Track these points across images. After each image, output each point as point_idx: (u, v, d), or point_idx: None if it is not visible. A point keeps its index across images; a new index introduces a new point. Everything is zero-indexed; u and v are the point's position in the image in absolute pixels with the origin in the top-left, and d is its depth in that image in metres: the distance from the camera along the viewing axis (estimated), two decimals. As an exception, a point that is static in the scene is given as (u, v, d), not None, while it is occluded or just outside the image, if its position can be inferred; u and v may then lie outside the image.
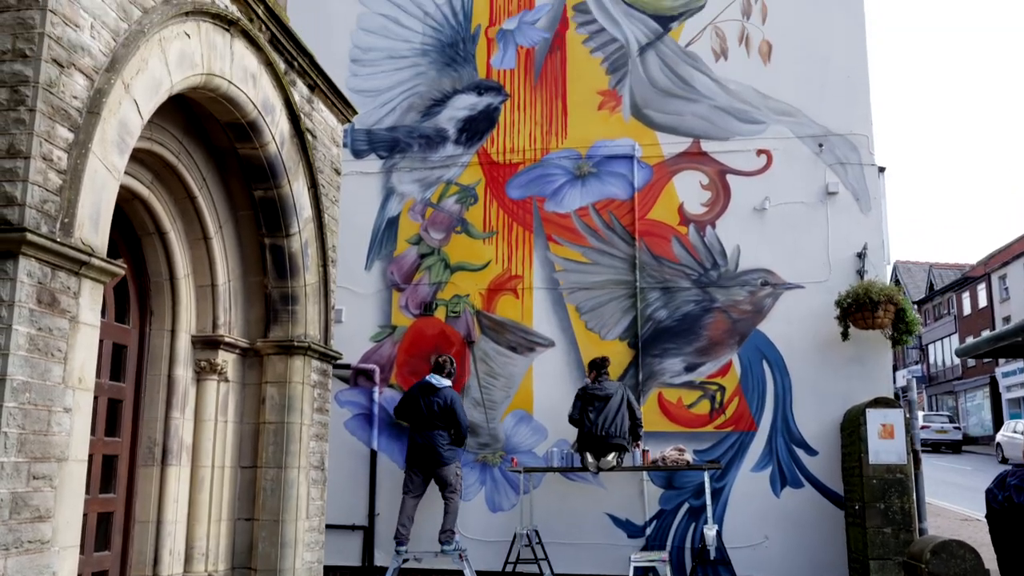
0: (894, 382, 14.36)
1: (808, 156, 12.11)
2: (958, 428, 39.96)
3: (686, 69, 12.59)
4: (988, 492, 8.40)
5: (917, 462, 10.63)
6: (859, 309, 11.01)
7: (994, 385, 44.33)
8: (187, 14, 6.51)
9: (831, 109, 12.17)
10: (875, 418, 10.37)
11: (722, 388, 11.79)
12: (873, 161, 12.02)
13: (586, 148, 12.58)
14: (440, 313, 12.48)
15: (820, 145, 12.08)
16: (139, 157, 6.98)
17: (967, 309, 49.21)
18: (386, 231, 12.83)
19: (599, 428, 10.64)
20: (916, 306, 52.81)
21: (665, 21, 12.76)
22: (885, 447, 10.31)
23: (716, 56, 12.56)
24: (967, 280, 49.16)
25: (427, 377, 10.99)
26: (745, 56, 12.52)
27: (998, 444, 32.57)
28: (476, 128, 12.90)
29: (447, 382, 10.91)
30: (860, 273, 11.61)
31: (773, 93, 12.33)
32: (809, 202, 12.02)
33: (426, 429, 10.66)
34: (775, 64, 12.45)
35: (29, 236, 4.85)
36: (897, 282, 52.12)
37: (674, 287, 12.07)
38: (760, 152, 12.24)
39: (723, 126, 12.37)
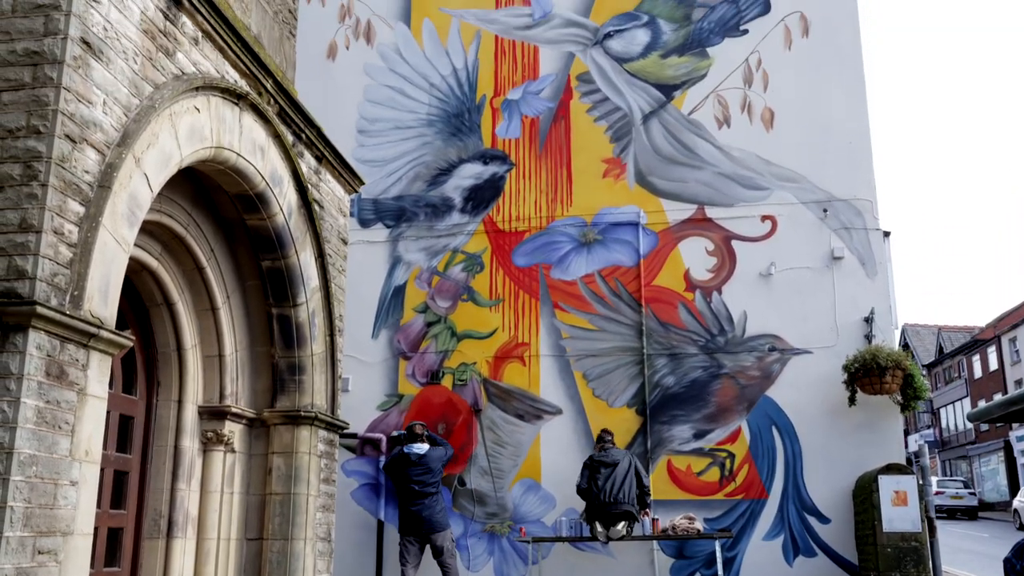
0: (906, 447, 14.24)
1: (813, 221, 12.18)
2: (973, 494, 39.40)
3: (689, 137, 12.73)
4: (1006, 561, 8.25)
5: (932, 529, 10.48)
6: (866, 374, 10.97)
7: (1009, 450, 43.84)
8: (197, 89, 6.63)
9: (834, 174, 12.26)
10: (888, 485, 10.26)
11: (732, 455, 11.69)
12: (878, 225, 12.08)
13: (591, 216, 12.67)
14: (447, 381, 12.45)
15: (824, 210, 12.15)
16: (148, 229, 7.04)
17: (978, 372, 48.88)
18: (393, 300, 12.87)
19: (607, 495, 10.54)
20: (926, 369, 52.51)
21: (668, 90, 12.93)
22: (899, 514, 10.18)
23: (719, 123, 12.71)
24: (977, 343, 48.92)
25: (404, 449, 10.85)
26: (748, 123, 12.67)
27: (1015, 510, 32.06)
28: (482, 197, 13.01)
29: (424, 445, 10.79)
30: (868, 337, 11.59)
31: (776, 159, 12.44)
32: (815, 267, 12.05)
33: (415, 498, 10.54)
34: (778, 131, 12.58)
35: (39, 309, 4.89)
36: (906, 346, 51.95)
37: (681, 353, 12.05)
38: (765, 218, 12.31)
39: (727, 192, 12.47)
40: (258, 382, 8.53)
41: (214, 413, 7.95)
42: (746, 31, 12.91)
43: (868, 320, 11.70)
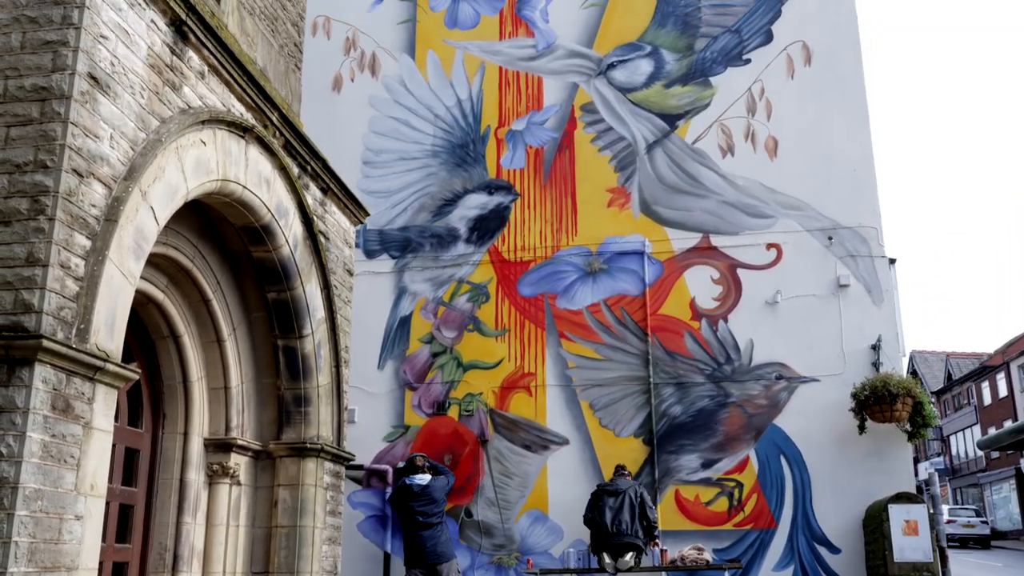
0: (916, 475, 14.14)
1: (818, 249, 12.18)
2: (985, 522, 39.02)
3: (693, 166, 12.77)
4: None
5: (944, 559, 10.39)
6: (877, 402, 10.91)
7: (1020, 477, 43.48)
8: (203, 122, 6.67)
9: (839, 202, 12.28)
10: (898, 514, 10.19)
11: (740, 484, 11.62)
12: (883, 253, 12.08)
13: (596, 245, 12.68)
14: (453, 412, 12.42)
15: (830, 238, 12.16)
16: (154, 261, 7.06)
17: (987, 399, 48.60)
18: (398, 330, 12.87)
19: (609, 525, 10.46)
20: (935, 396, 52.19)
21: (671, 119, 12.99)
22: (910, 544, 10.09)
23: (723, 152, 12.75)
24: (986, 369, 48.68)
25: (406, 480, 10.82)
26: (751, 152, 12.70)
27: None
28: (487, 227, 13.04)
29: (426, 476, 10.77)
30: (875, 365, 11.55)
31: (780, 187, 12.47)
32: (821, 295, 12.03)
33: (419, 529, 10.51)
34: (781, 159, 12.62)
35: (45, 343, 4.89)
36: (914, 372, 51.71)
37: (688, 382, 12.02)
38: (770, 246, 12.31)
39: (732, 221, 12.48)
40: (264, 414, 8.52)
41: (220, 445, 7.93)
42: (749, 60, 12.99)
43: (875, 347, 11.67)
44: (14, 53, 5.36)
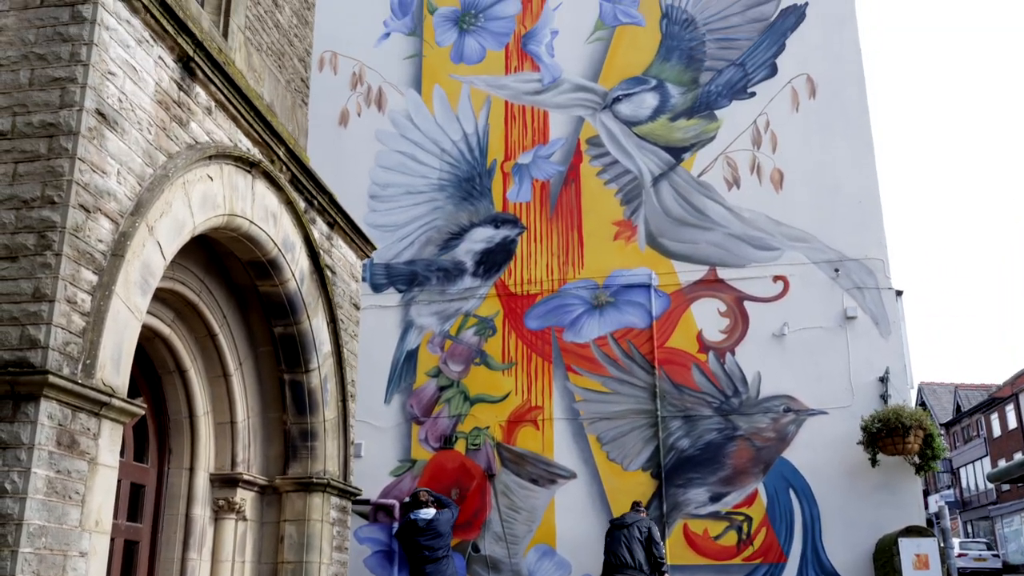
0: (926, 508, 14.01)
1: (825, 281, 12.16)
2: (997, 555, 38.58)
3: (699, 198, 12.79)
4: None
5: (955, 593, 10.27)
6: (890, 434, 10.82)
7: (1031, 510, 43.10)
8: (210, 158, 6.70)
9: (845, 234, 12.27)
10: (908, 548, 10.08)
11: (749, 518, 11.53)
12: (890, 284, 12.05)
13: (603, 278, 12.68)
14: (460, 446, 12.37)
15: (836, 270, 12.14)
16: (161, 296, 7.07)
17: (997, 431, 48.26)
18: (405, 364, 12.85)
19: (615, 558, 10.40)
20: (944, 428, 51.86)
21: (677, 152, 13.02)
22: (921, 578, 9.98)
23: (728, 185, 12.77)
24: (995, 401, 48.38)
25: (410, 515, 10.76)
26: (757, 184, 12.72)
27: (1040, 572, 31.38)
28: (494, 260, 13.05)
29: (430, 510, 10.71)
30: (884, 397, 11.49)
31: (786, 220, 12.47)
32: (828, 327, 11.99)
33: (425, 564, 10.44)
34: (787, 191, 12.63)
35: (51, 378, 4.88)
36: (923, 404, 51.39)
37: (696, 415, 11.96)
38: (776, 278, 12.30)
39: (738, 253, 12.48)
40: (270, 449, 8.48)
41: (226, 481, 7.89)
42: (753, 94, 13.04)
43: (883, 380, 11.62)
44: (22, 90, 5.40)
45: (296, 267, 8.11)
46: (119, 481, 6.04)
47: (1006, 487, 45.19)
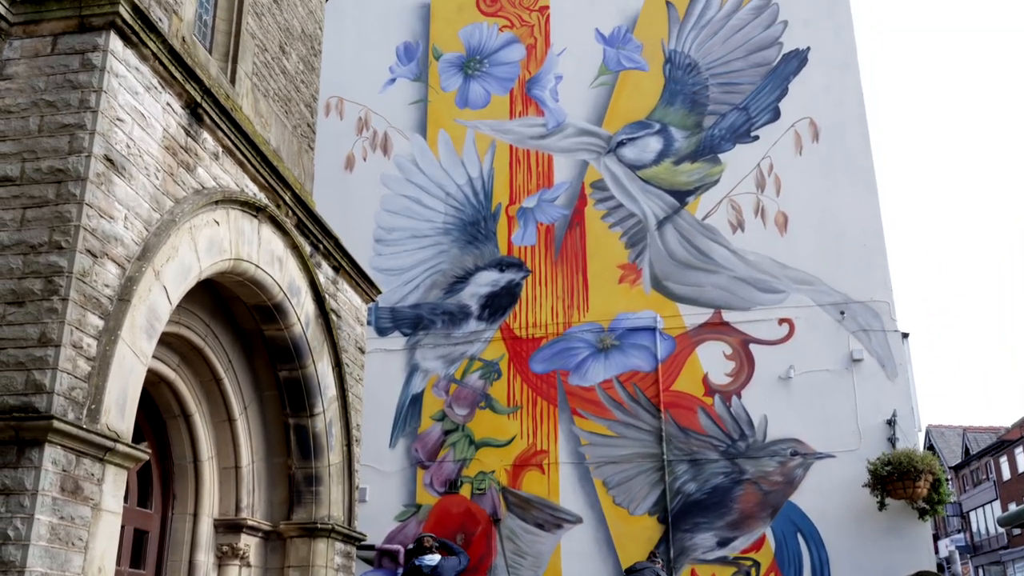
0: (936, 552, 13.84)
1: (830, 324, 12.13)
2: (1009, 601, 38.11)
3: (704, 241, 12.81)
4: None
5: (967, 640, 10.12)
6: (900, 478, 10.72)
7: (1043, 554, 42.57)
8: (217, 203, 6.74)
9: (850, 277, 12.27)
10: (919, 593, 9.95)
11: (757, 563, 11.41)
12: (896, 327, 12.02)
13: (608, 321, 12.67)
14: (465, 490, 12.29)
15: (842, 313, 12.12)
16: (166, 340, 7.07)
17: (1006, 474, 47.81)
18: (410, 408, 12.81)
19: (626, 605, 10.33)
20: (953, 471, 51.38)
21: (681, 196, 13.07)
22: (932, 624, 9.84)
23: (733, 228, 12.80)
24: (1003, 444, 47.99)
25: (415, 562, 10.65)
26: (762, 227, 12.75)
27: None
28: (499, 304, 13.06)
29: (436, 556, 10.59)
30: (891, 441, 11.41)
31: (791, 262, 12.48)
32: (834, 369, 11.95)
33: None
34: (792, 234, 12.65)
35: (56, 424, 4.87)
36: (932, 447, 51.01)
37: (702, 459, 11.89)
38: (782, 321, 12.28)
39: (744, 296, 12.47)
40: (274, 493, 8.43)
41: (230, 526, 7.83)
42: (757, 137, 13.11)
43: (891, 423, 11.54)
44: (32, 136, 5.44)
45: (301, 311, 8.12)
46: (122, 527, 5.99)
47: (1017, 531, 44.64)
